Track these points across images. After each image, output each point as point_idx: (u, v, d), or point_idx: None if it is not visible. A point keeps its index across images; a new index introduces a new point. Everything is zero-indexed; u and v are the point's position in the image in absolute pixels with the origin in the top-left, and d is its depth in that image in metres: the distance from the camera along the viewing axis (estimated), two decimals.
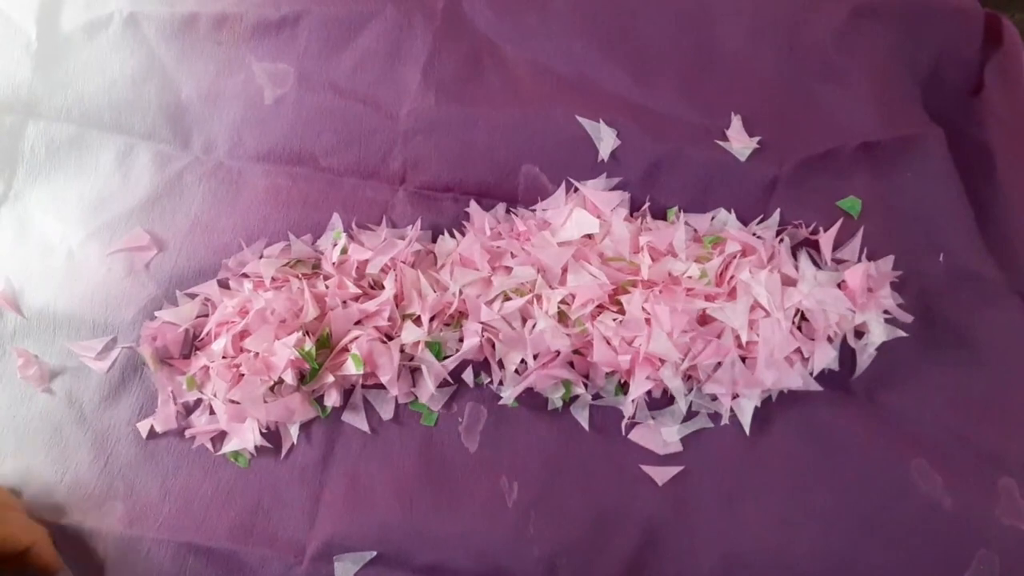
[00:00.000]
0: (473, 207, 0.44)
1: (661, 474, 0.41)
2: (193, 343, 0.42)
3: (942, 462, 0.41)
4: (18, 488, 0.40)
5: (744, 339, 0.40)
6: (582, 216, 0.42)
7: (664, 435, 0.41)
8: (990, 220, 0.47)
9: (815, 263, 0.44)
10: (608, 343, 0.40)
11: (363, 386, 0.41)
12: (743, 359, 0.40)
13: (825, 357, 0.41)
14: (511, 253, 0.42)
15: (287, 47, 0.46)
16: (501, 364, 0.41)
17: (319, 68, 0.46)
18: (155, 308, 0.42)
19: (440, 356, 0.40)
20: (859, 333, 0.43)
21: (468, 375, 0.41)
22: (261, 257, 0.43)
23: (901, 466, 0.41)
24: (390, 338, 0.41)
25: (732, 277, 0.41)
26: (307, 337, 0.40)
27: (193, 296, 0.42)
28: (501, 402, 0.41)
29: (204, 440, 0.41)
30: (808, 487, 0.40)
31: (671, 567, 0.39)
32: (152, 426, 0.41)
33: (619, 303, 0.41)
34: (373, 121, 0.45)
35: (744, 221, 0.44)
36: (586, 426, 0.41)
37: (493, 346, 0.41)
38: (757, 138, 0.45)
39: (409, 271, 0.41)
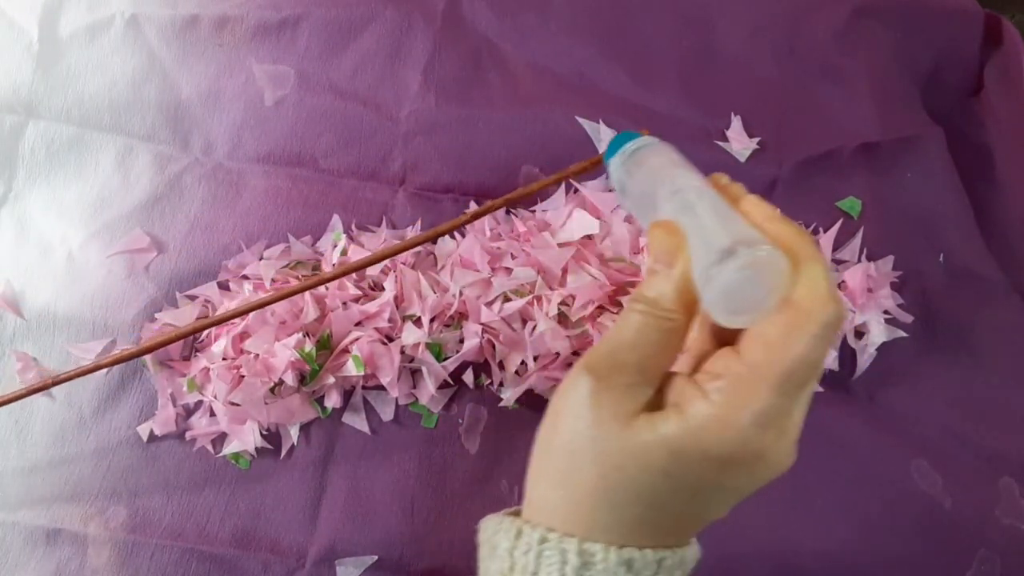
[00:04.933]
0: (473, 208, 0.44)
1: None
2: (193, 345, 0.42)
3: (942, 462, 0.41)
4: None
5: None
6: (582, 217, 0.42)
7: None
8: (990, 220, 0.47)
9: None
10: None
11: (363, 387, 0.41)
12: None
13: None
14: (511, 254, 0.42)
15: (288, 49, 0.46)
16: (501, 365, 0.41)
17: (319, 70, 0.46)
18: (155, 310, 0.42)
19: (440, 357, 0.40)
20: (859, 333, 0.43)
21: (468, 376, 0.41)
22: (261, 259, 0.43)
23: (901, 466, 0.41)
24: (390, 339, 0.41)
25: None
26: (307, 338, 0.40)
27: (193, 298, 0.42)
28: (501, 404, 0.41)
29: (205, 442, 0.41)
30: (808, 487, 0.40)
31: None
32: (152, 429, 0.41)
33: (619, 304, 0.41)
34: (373, 122, 0.45)
35: None
36: None
37: (493, 347, 0.41)
38: (757, 139, 0.45)
39: (409, 272, 0.41)
